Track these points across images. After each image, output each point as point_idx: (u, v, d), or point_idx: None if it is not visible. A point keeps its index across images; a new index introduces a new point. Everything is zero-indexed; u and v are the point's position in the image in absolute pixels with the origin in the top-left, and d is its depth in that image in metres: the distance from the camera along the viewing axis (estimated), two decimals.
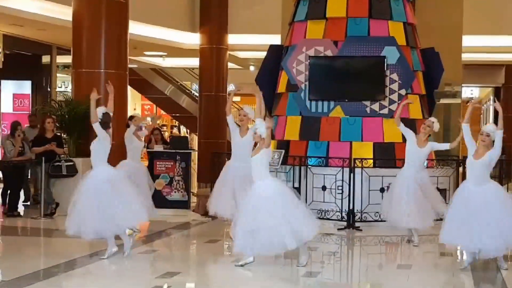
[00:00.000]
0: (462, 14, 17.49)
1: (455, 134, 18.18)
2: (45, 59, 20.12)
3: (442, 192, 13.32)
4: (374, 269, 9.48)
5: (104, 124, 9.68)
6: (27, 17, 15.76)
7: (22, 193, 14.05)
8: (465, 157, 15.72)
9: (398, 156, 12.83)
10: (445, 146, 11.06)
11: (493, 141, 9.37)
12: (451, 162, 13.95)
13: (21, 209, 13.76)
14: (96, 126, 9.57)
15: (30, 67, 19.92)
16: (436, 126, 10.84)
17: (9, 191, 13.62)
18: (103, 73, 13.68)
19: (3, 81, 20.05)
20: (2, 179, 14.25)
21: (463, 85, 20.05)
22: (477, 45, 19.65)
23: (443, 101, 17.39)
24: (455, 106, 18.19)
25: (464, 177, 14.05)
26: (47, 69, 20.13)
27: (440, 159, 14.23)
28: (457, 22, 17.40)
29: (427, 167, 13.48)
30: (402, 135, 13.42)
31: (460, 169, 13.84)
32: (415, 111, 13.78)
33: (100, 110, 9.70)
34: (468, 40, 17.91)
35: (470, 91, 33.03)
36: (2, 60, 18.01)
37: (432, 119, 11.01)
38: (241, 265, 8.83)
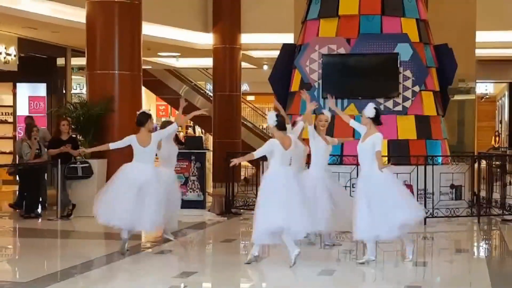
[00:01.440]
0: (475, 10, 17.43)
1: (470, 130, 18.24)
2: (60, 61, 20.21)
3: (458, 188, 13.33)
4: (390, 266, 9.48)
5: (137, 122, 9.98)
6: (41, 19, 15.86)
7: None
8: (480, 153, 15.74)
9: (413, 153, 12.82)
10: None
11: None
12: (466, 159, 13.92)
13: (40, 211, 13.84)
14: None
15: (45, 69, 20.00)
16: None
17: (25, 193, 13.69)
18: (117, 75, 13.75)
19: (18, 84, 20.16)
20: (19, 181, 14.29)
21: (477, 81, 19.98)
22: (491, 41, 19.57)
23: (457, 97, 17.34)
24: (469, 102, 18.13)
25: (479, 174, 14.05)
26: (61, 71, 20.21)
27: (455, 155, 14.21)
28: (470, 18, 17.34)
29: (442, 164, 13.50)
30: (416, 132, 13.48)
31: (476, 165, 13.83)
32: (429, 108, 13.76)
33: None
34: (481, 36, 17.84)
35: (484, 87, 32.92)
36: (17, 63, 18.10)
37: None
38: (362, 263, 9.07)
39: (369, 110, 9.31)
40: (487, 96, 34.71)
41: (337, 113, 10.25)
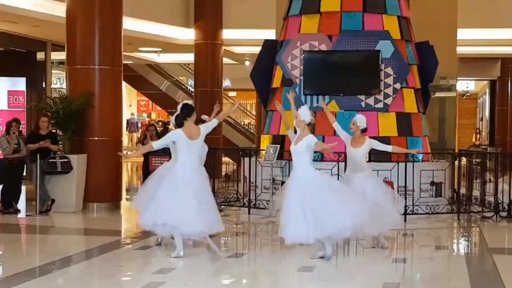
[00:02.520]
0: (457, 7, 17.48)
1: (451, 128, 18.30)
2: (40, 55, 20.08)
3: (438, 185, 13.37)
4: (369, 263, 9.48)
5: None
6: (21, 13, 15.74)
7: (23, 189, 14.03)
8: (461, 151, 15.79)
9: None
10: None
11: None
12: (446, 156, 13.96)
13: (21, 206, 13.75)
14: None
15: (25, 63, 19.86)
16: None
17: (3, 188, 13.59)
18: (98, 70, 13.68)
19: None
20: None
21: (458, 78, 20.06)
22: (472, 38, 19.65)
23: (438, 94, 17.39)
24: (450, 99, 18.18)
25: (459, 171, 14.12)
26: (42, 65, 20.09)
27: (435, 152, 14.24)
28: (451, 15, 17.38)
29: (422, 160, 13.55)
30: (397, 129, 13.50)
31: (456, 162, 13.88)
32: (410, 105, 13.78)
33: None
34: (463, 33, 17.90)
35: (465, 84, 33.08)
36: None
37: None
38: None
39: (306, 114, 9.24)
40: (468, 94, 34.90)
41: (325, 111, 10.42)
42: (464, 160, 14.31)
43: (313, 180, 9.06)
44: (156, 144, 9.30)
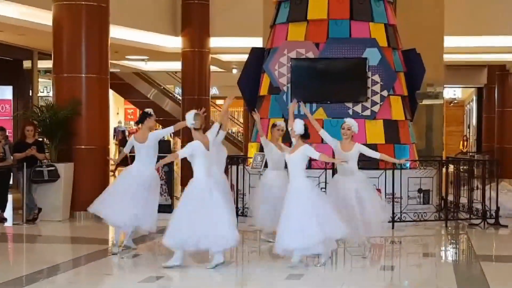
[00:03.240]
0: (443, 15, 17.53)
1: (438, 135, 18.34)
2: (26, 64, 20.00)
3: (425, 192, 13.39)
4: (358, 270, 9.48)
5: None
6: (7, 22, 15.65)
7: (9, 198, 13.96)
8: (448, 158, 15.83)
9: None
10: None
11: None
12: (434, 163, 13.98)
13: (7, 214, 13.68)
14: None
15: (11, 72, 19.79)
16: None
17: None
18: (84, 78, 13.64)
19: None
20: None
21: (445, 85, 20.11)
22: (459, 46, 19.71)
23: (425, 102, 17.41)
24: (437, 107, 18.22)
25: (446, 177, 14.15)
26: (28, 74, 20.01)
27: (423, 159, 14.26)
28: (438, 23, 17.43)
29: (410, 168, 13.56)
30: (384, 136, 13.52)
31: (444, 169, 13.90)
32: (397, 112, 13.81)
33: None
34: (449, 41, 17.95)
35: (452, 92, 33.20)
36: None
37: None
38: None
39: (299, 127, 9.36)
40: (456, 101, 35.03)
41: (310, 119, 10.38)
42: (451, 167, 14.34)
43: (306, 191, 9.16)
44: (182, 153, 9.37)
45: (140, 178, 10.03)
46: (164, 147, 14.47)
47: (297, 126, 9.39)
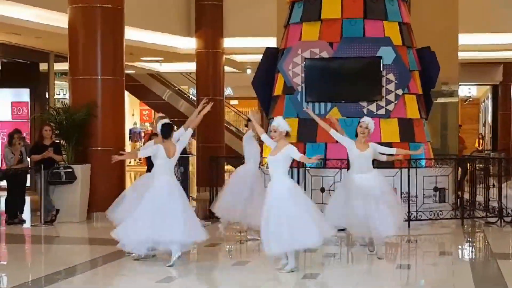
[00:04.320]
0: (457, 13, 17.49)
1: (453, 133, 18.30)
2: (43, 66, 20.15)
3: (441, 191, 13.38)
4: (374, 269, 9.50)
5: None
6: (24, 25, 15.81)
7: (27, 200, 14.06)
8: (464, 156, 15.81)
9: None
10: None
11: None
12: (449, 161, 13.96)
13: (25, 216, 13.79)
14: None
15: (28, 75, 19.94)
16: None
17: (9, 199, 13.62)
18: (100, 80, 13.73)
19: (1, 90, 20.07)
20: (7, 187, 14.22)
21: (460, 83, 20.07)
22: (474, 43, 19.67)
23: (440, 100, 17.38)
24: (452, 105, 18.18)
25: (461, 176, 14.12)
26: (44, 76, 20.15)
27: (438, 158, 14.25)
28: (452, 21, 17.39)
29: (425, 166, 13.56)
30: (400, 135, 13.51)
31: (459, 168, 13.88)
32: (412, 111, 13.80)
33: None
34: (464, 39, 17.91)
35: (467, 90, 33.06)
36: (0, 68, 18.03)
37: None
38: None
39: (284, 125, 9.00)
40: (471, 99, 34.88)
41: (317, 121, 10.33)
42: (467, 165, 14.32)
43: (289, 192, 8.88)
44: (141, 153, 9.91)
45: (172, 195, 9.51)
46: None
47: (283, 125, 9.00)
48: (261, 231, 8.94)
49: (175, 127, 10.21)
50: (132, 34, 16.83)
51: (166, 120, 9.76)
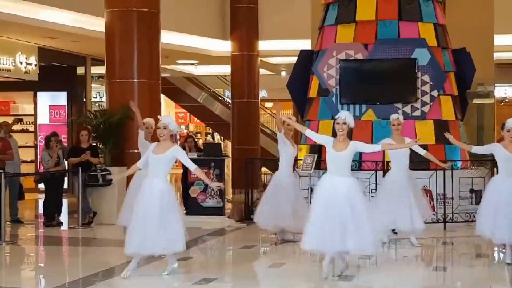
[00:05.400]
0: (493, 13, 17.37)
1: (489, 134, 18.17)
2: (80, 70, 20.40)
3: (477, 193, 13.28)
4: (410, 272, 9.48)
5: None
6: (61, 29, 16.01)
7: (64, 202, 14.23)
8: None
9: None
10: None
11: None
12: (485, 163, 13.87)
13: (63, 218, 13.96)
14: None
15: (65, 78, 20.20)
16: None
17: (45, 201, 13.82)
18: (136, 83, 13.85)
19: (39, 93, 20.37)
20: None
21: (496, 84, 19.90)
22: (510, 44, 19.49)
23: (476, 101, 17.28)
24: (488, 106, 18.06)
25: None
26: (81, 80, 20.40)
27: (474, 160, 14.15)
28: (487, 21, 17.28)
29: (461, 168, 13.48)
30: (435, 137, 13.43)
31: (495, 169, 13.75)
32: (447, 112, 13.74)
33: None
34: (499, 39, 17.78)
35: (503, 91, 32.72)
36: (38, 72, 18.29)
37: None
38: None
39: (351, 119, 8.72)
40: (507, 100, 34.49)
41: (292, 124, 9.86)
42: None
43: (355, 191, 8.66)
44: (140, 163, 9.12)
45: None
46: (214, 150, 14.64)
47: (350, 118, 8.64)
48: (309, 227, 8.55)
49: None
50: (168, 37, 16.96)
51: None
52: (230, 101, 23.51)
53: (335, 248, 8.44)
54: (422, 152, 10.45)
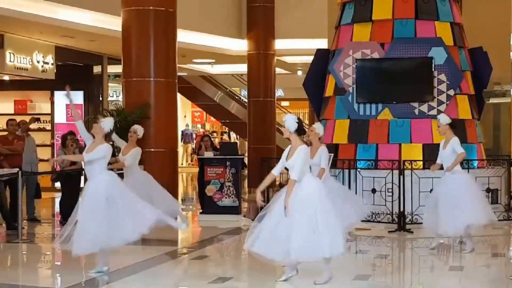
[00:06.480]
0: (510, 12, 17.30)
1: (506, 133, 18.10)
2: (96, 69, 20.46)
3: (494, 192, 13.24)
4: (426, 271, 9.47)
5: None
6: (78, 28, 16.07)
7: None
8: None
9: None
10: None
11: None
12: (502, 162, 13.82)
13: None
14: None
15: (82, 77, 20.25)
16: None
17: (61, 200, 13.88)
18: (153, 82, 13.89)
19: (56, 92, 20.43)
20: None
21: None
22: None
23: (493, 100, 17.22)
24: (504, 105, 18.00)
25: None
26: (98, 79, 20.47)
27: (491, 159, 14.11)
28: (504, 20, 17.22)
29: (477, 167, 13.44)
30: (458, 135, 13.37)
31: None
32: (464, 111, 13.70)
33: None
34: None
35: None
36: (55, 71, 18.37)
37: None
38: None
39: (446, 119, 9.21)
40: None
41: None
42: None
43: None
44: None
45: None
46: (230, 149, 14.67)
47: (444, 118, 9.50)
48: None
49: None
50: (184, 36, 17.01)
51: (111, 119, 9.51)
52: (246, 100, 23.56)
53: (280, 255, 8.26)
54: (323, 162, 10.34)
